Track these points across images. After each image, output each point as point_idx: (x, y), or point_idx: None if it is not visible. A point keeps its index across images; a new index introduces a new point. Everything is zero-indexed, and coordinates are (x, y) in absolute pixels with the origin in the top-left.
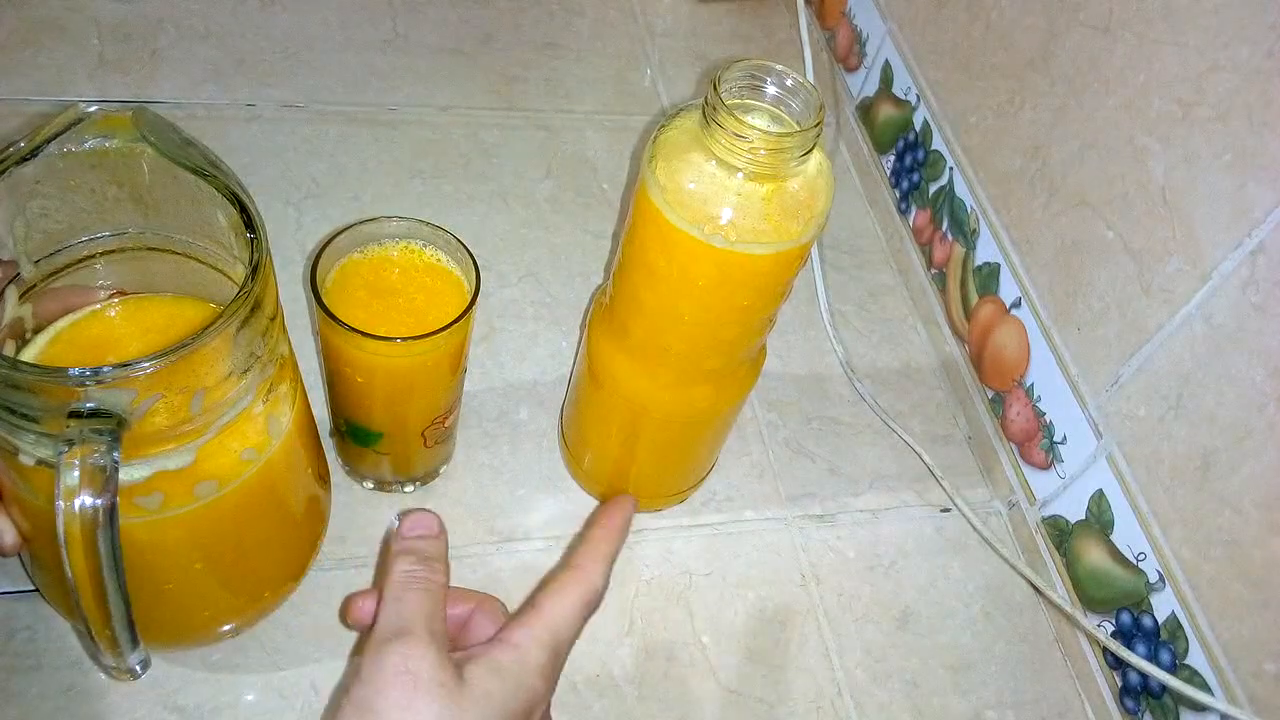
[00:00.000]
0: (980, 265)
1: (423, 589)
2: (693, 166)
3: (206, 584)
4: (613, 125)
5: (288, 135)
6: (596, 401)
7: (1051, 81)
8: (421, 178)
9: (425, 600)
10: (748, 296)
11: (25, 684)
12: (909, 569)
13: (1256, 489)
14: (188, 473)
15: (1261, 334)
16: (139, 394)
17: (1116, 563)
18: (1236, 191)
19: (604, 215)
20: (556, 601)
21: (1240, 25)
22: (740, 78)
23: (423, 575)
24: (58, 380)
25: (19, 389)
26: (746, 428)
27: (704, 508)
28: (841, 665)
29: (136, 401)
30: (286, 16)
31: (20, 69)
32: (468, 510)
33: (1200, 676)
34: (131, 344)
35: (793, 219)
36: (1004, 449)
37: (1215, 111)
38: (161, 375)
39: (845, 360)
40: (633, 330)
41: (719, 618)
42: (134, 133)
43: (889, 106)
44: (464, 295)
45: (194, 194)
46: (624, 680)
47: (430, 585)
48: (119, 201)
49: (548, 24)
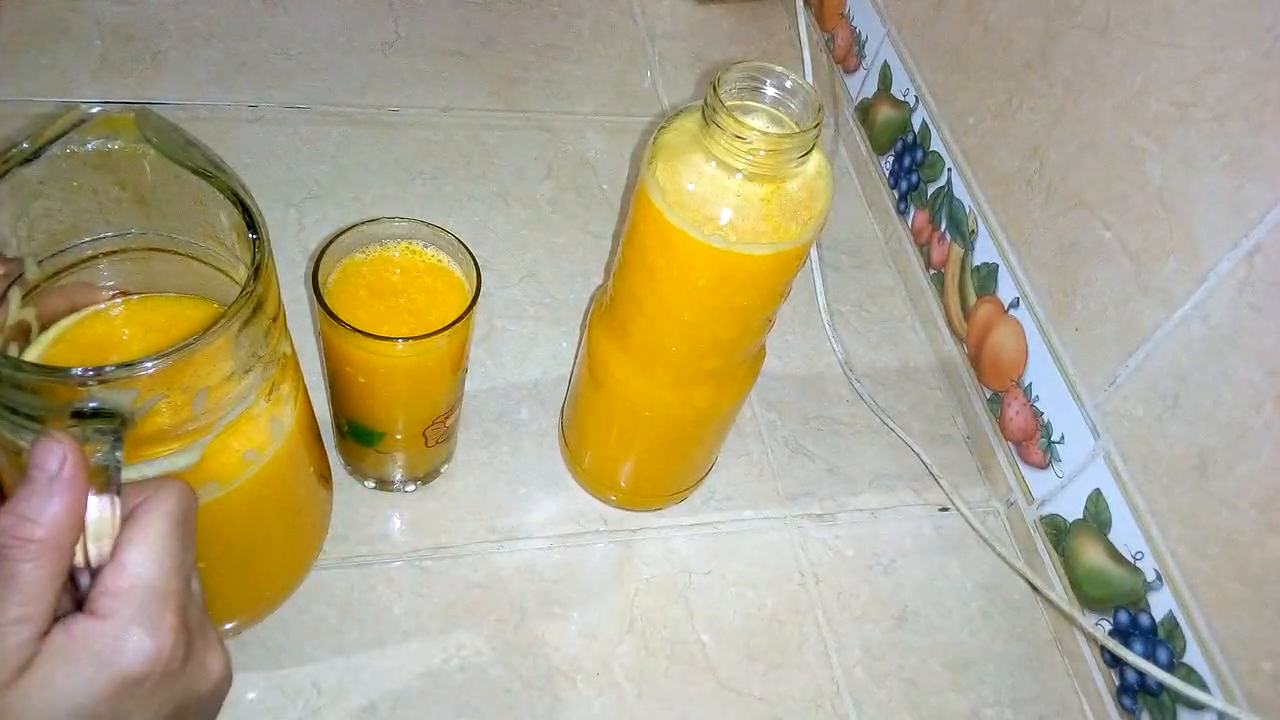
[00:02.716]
0: (979, 265)
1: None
2: (692, 167)
3: (209, 583)
4: (613, 126)
5: (289, 136)
6: (596, 401)
7: (1049, 83)
8: (423, 179)
9: (41, 564)
10: (747, 297)
11: None
12: (908, 568)
13: (1253, 488)
14: (191, 474)
15: (1258, 334)
16: (141, 394)
17: (1114, 562)
18: (1234, 192)
19: (604, 216)
20: (136, 546)
21: (1237, 27)
22: (740, 79)
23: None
24: (61, 380)
25: (22, 389)
26: (746, 427)
27: (704, 507)
28: (840, 663)
29: (139, 401)
30: (288, 18)
31: (23, 70)
32: (468, 509)
33: (1197, 675)
34: (134, 344)
35: (792, 220)
36: (1002, 448)
37: (1212, 113)
38: (164, 375)
39: (844, 360)
40: (633, 330)
41: (718, 616)
42: (137, 134)
43: (888, 108)
44: (465, 295)
45: (196, 195)
46: (624, 678)
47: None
48: (121, 202)
49: (548, 26)
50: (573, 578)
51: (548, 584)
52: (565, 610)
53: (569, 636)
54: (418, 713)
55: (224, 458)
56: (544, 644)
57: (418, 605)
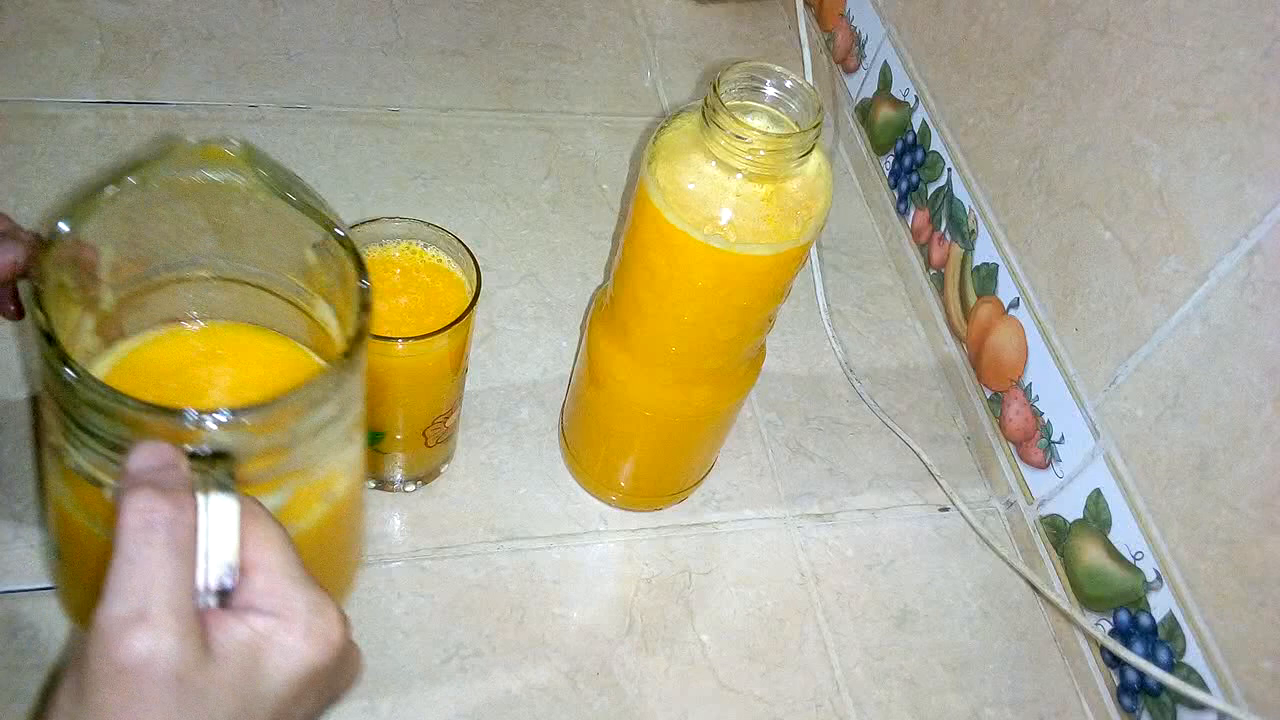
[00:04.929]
0: (979, 266)
1: (164, 542)
2: (692, 167)
3: None
4: (613, 126)
5: (289, 136)
6: (597, 401)
7: (1049, 83)
8: (423, 179)
9: (169, 561)
10: (747, 297)
11: (28, 682)
12: (908, 568)
13: (1253, 488)
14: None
15: (1258, 334)
16: (251, 436)
17: (1114, 562)
18: (1234, 192)
19: (604, 216)
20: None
21: (1237, 26)
22: (739, 79)
23: (165, 516)
24: (175, 421)
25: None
26: (746, 427)
27: (704, 507)
28: (840, 664)
29: (248, 443)
30: (288, 18)
31: (23, 70)
32: (468, 509)
33: (1197, 675)
34: (202, 373)
35: (792, 220)
36: (1002, 448)
37: (1213, 112)
38: (277, 417)
39: (844, 360)
40: (633, 330)
41: (718, 616)
42: (249, 167)
43: (888, 108)
44: (465, 295)
45: (284, 229)
46: (624, 678)
47: (175, 532)
48: (202, 232)
49: (548, 26)
50: (573, 578)
51: (548, 584)
52: (565, 610)
53: (569, 636)
54: (418, 713)
55: (307, 496)
56: (544, 644)
57: (418, 605)
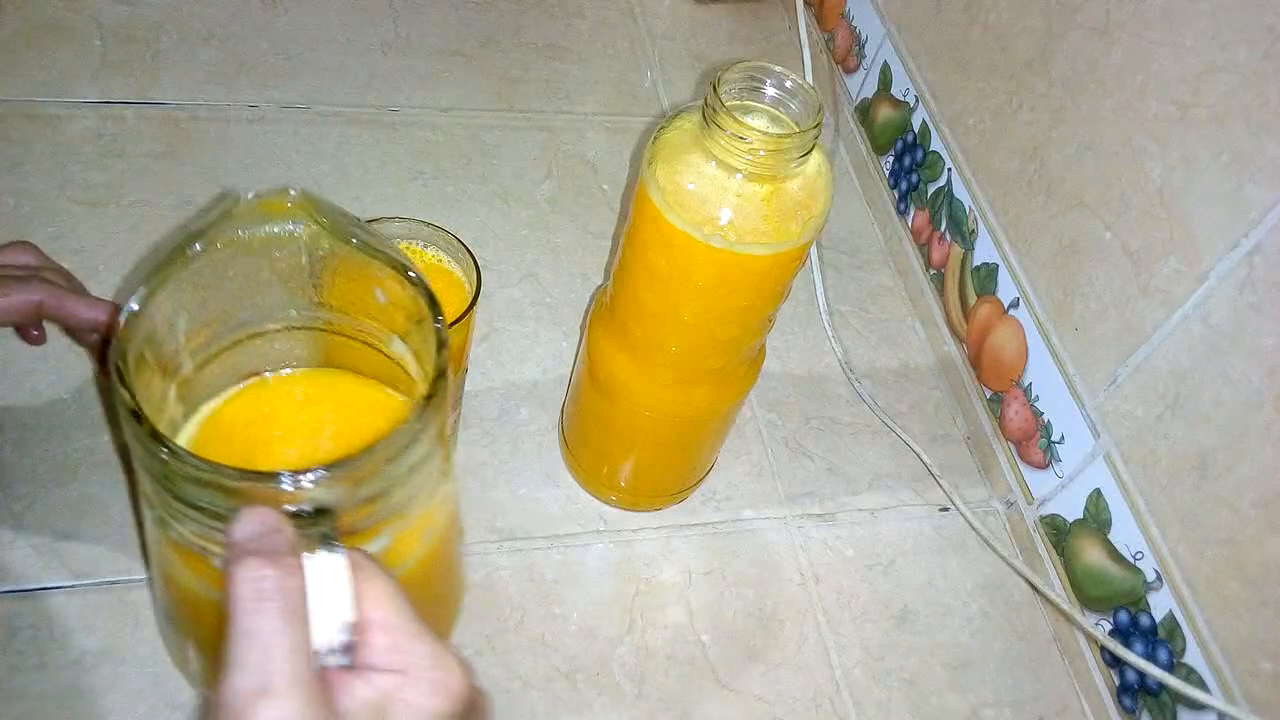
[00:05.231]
0: (978, 266)
1: (278, 609)
2: (692, 167)
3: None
4: (613, 126)
5: (289, 137)
6: (597, 401)
7: (1049, 83)
8: (423, 179)
9: (285, 628)
10: (747, 297)
11: (28, 682)
12: (907, 568)
13: (1253, 488)
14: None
15: (1258, 334)
16: (349, 489)
17: (1114, 562)
18: (1234, 192)
19: (604, 215)
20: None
21: (1237, 27)
22: (739, 79)
23: (274, 584)
24: (269, 485)
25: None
26: (746, 427)
27: (704, 507)
28: (840, 664)
29: (346, 496)
30: (288, 18)
31: (23, 70)
32: (468, 509)
33: (1197, 675)
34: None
35: (792, 220)
36: (1002, 448)
37: (1213, 113)
38: (370, 466)
39: (844, 360)
40: (633, 330)
41: (718, 616)
42: (307, 216)
43: (888, 108)
44: (465, 295)
45: (351, 271)
46: (624, 678)
47: (288, 598)
48: (268, 284)
49: (548, 26)
50: (573, 578)
51: (548, 584)
52: (565, 610)
53: (569, 636)
54: None
55: (408, 537)
56: (544, 644)
57: None
